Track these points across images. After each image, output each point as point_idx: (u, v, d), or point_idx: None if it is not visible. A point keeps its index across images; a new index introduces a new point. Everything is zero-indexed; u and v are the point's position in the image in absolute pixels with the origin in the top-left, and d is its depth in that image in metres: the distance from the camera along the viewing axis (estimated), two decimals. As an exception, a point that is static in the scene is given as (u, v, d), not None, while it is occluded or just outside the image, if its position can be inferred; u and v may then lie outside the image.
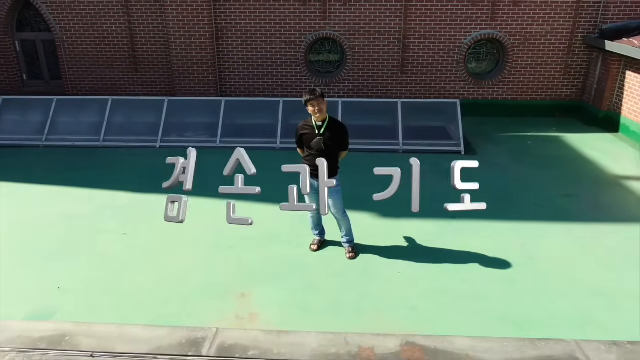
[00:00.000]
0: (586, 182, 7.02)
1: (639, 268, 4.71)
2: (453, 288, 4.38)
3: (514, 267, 4.77)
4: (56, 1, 9.82)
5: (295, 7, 9.59)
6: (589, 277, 4.58)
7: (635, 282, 4.45)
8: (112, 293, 4.20)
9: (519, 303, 4.12)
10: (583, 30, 9.46)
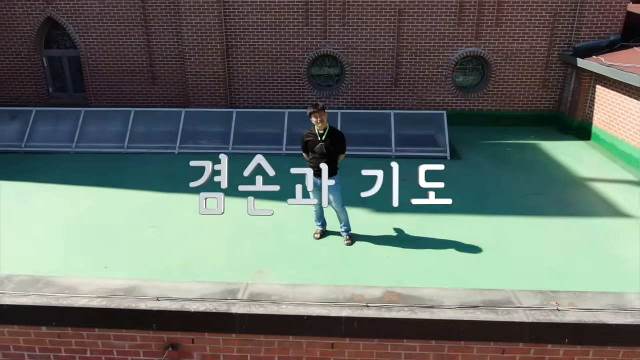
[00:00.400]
0: (555, 183, 8.02)
1: (591, 253, 5.69)
2: (432, 266, 5.36)
3: (485, 252, 5.74)
4: (82, 21, 10.89)
5: (299, 27, 10.65)
6: (547, 260, 5.55)
7: (586, 264, 5.42)
8: (150, 271, 5.17)
9: (485, 277, 5.10)
10: (559, 48, 10.51)
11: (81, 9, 10.78)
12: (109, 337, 3.65)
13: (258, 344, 3.57)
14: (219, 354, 3.63)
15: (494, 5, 10.26)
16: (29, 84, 11.56)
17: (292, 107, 10.79)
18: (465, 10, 10.34)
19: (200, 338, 3.59)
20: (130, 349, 3.68)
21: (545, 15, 10.31)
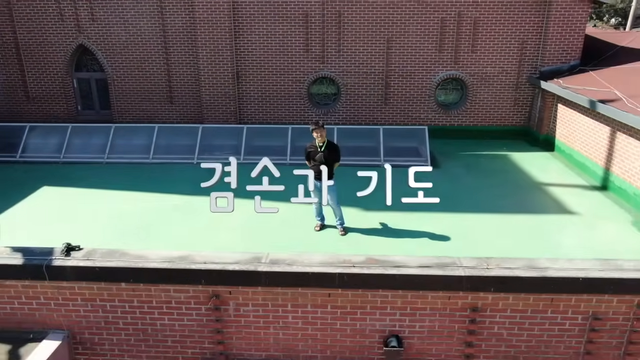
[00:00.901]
0: (519, 187, 9.56)
1: (534, 239, 7.20)
2: (411, 250, 6.85)
3: (452, 239, 7.24)
4: (109, 48, 12.48)
5: (300, 53, 12.26)
6: (498, 243, 7.05)
7: (527, 247, 6.91)
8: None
9: (446, 254, 6.59)
10: (527, 72, 12.13)
11: (109, 38, 12.38)
12: (169, 291, 5.13)
13: (276, 294, 5.05)
14: (248, 302, 5.10)
15: (470, 34, 11.89)
16: (60, 103, 13.11)
17: (295, 123, 12.34)
18: (445, 39, 11.96)
19: (235, 290, 5.07)
20: (185, 299, 5.15)
21: (514, 43, 11.95)
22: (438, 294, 4.95)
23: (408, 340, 5.10)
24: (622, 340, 4.99)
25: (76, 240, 5.39)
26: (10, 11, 12.34)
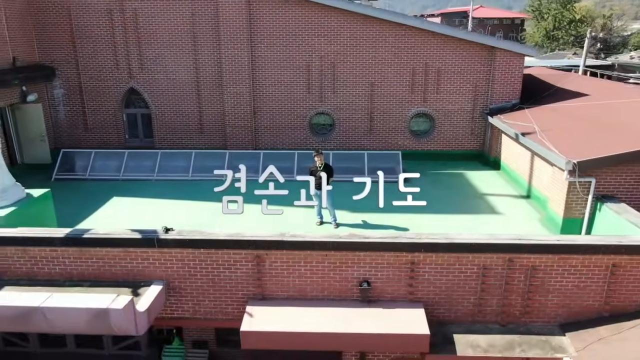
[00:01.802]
0: (468, 197, 13.05)
1: (468, 228, 10.63)
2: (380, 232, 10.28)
3: (412, 229, 10.67)
4: (154, 90, 16.07)
5: (303, 93, 15.86)
6: (441, 231, 10.48)
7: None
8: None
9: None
10: (480, 108, 15.74)
11: (154, 82, 15.99)
12: (229, 254, 8.52)
13: (294, 255, 8.44)
14: (277, 260, 8.49)
15: (435, 80, 15.54)
16: (112, 132, 16.63)
17: (300, 148, 15.84)
18: (416, 83, 15.61)
19: (269, 253, 8.46)
20: (238, 259, 8.54)
21: (469, 87, 15.59)
22: (391, 254, 8.36)
23: (374, 283, 8.49)
24: (502, 282, 8.40)
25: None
26: (77, 61, 15.95)
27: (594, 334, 8.23)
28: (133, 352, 12.66)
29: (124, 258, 8.66)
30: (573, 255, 8.27)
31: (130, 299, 7.66)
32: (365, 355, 8.78)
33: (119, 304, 7.41)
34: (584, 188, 10.16)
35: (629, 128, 11.22)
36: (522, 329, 8.56)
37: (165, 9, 15.38)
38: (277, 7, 15.14)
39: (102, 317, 7.40)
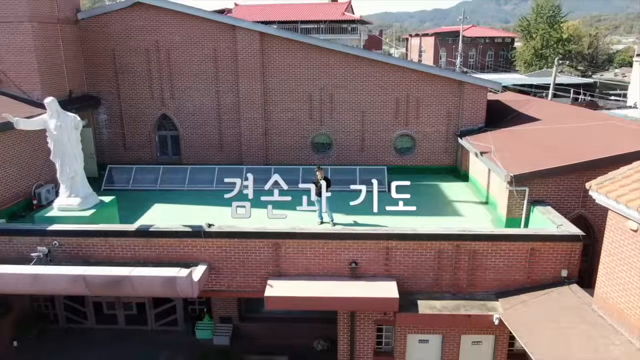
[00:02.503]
0: (440, 203, 16.39)
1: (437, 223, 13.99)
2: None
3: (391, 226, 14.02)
4: (182, 116, 19.49)
5: (306, 118, 19.29)
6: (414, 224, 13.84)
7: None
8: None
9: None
10: (452, 131, 19.16)
11: (183, 109, 19.43)
12: (255, 242, 11.83)
13: (303, 242, 11.75)
14: (290, 246, 11.80)
15: (415, 107, 18.98)
16: (146, 151, 20.02)
17: (303, 164, 19.19)
18: (399, 110, 19.05)
19: (284, 241, 11.79)
20: (261, 246, 11.84)
21: (443, 113, 19.03)
22: (371, 242, 11.69)
23: (360, 263, 11.81)
24: (452, 262, 11.73)
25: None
26: (118, 92, 19.41)
27: (518, 299, 11.56)
28: (172, 327, 16.11)
29: (179, 245, 12.01)
30: (503, 242, 11.65)
31: (189, 271, 10.99)
32: (354, 314, 12.09)
33: (183, 274, 10.75)
34: (520, 195, 13.53)
35: (560, 148, 14.62)
36: (467, 297, 11.89)
37: (192, 49, 18.87)
38: (285, 49, 18.63)
39: (171, 283, 10.72)
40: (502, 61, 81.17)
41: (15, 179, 15.25)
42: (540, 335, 10.15)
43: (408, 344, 12.66)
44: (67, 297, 15.80)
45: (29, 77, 16.68)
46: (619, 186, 9.69)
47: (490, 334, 12.42)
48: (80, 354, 14.83)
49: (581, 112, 20.20)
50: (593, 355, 9.32)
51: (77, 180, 12.71)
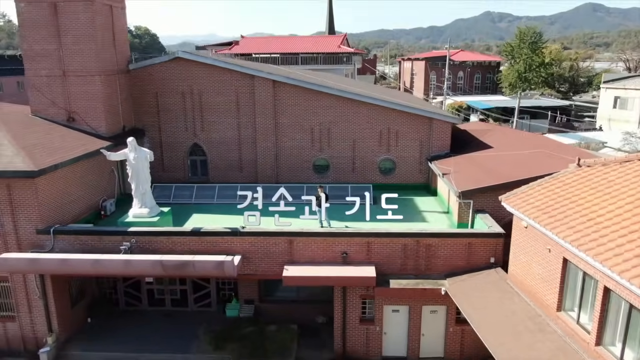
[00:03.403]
0: (413, 213, 21.53)
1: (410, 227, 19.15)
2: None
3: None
4: (209, 144, 24.71)
5: (308, 146, 24.51)
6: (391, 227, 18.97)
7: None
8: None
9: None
10: (424, 156, 24.38)
11: (210, 139, 24.64)
12: (275, 239, 16.90)
13: (309, 240, 16.82)
14: (301, 243, 16.86)
15: (395, 137, 24.23)
16: (180, 172, 25.16)
17: (306, 183, 24.34)
18: (382, 139, 24.30)
19: (296, 239, 16.86)
20: (280, 241, 16.91)
21: (416, 142, 24.28)
22: (357, 238, 16.81)
23: (349, 254, 16.90)
24: (414, 253, 16.82)
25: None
26: (159, 125, 24.64)
27: (459, 278, 16.65)
28: (207, 308, 21.08)
29: (221, 241, 17.10)
30: (449, 238, 16.78)
31: (232, 258, 16.06)
32: (345, 289, 17.17)
33: (229, 259, 15.84)
34: (467, 205, 18.67)
35: (499, 171, 19.79)
36: (425, 277, 16.99)
37: (219, 92, 24.14)
38: (292, 92, 23.93)
39: (220, 265, 15.78)
40: (488, 83, 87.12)
41: (88, 196, 20.37)
42: (470, 300, 15.26)
43: (384, 313, 17.71)
44: (127, 285, 20.83)
45: (96, 117, 21.90)
46: (517, 199, 14.91)
47: (443, 305, 17.47)
48: (136, 328, 19.77)
49: (526, 140, 25.44)
50: (499, 308, 14.43)
51: (146, 195, 17.88)
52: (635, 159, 14.30)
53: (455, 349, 17.93)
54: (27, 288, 17.93)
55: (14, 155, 17.22)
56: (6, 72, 59.44)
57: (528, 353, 12.43)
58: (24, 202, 17.11)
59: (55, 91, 21.55)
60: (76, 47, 21.08)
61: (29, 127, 20.14)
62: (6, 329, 18.56)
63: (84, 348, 18.46)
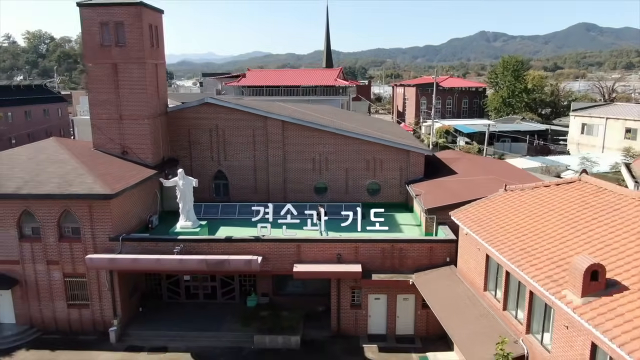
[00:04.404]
0: (394, 225, 27.66)
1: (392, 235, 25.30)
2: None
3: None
4: (231, 171, 30.89)
5: (310, 172, 30.73)
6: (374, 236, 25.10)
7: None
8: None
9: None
10: (403, 180, 30.57)
11: (231, 166, 30.86)
12: (287, 244, 22.96)
13: (312, 244, 22.89)
14: (306, 246, 22.91)
15: (380, 164, 30.46)
16: (206, 192, 31.27)
17: (308, 202, 30.45)
18: (369, 166, 30.56)
19: (303, 243, 22.92)
20: (290, 246, 22.95)
21: (397, 169, 30.52)
22: (348, 244, 22.89)
23: (342, 255, 22.95)
24: (390, 255, 22.89)
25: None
26: (190, 155, 30.87)
27: (423, 272, 22.73)
28: (231, 301, 27.09)
29: (247, 246, 23.19)
30: (415, 244, 22.91)
31: (257, 257, 22.11)
32: (339, 281, 23.22)
33: (255, 258, 21.90)
34: (431, 219, 24.78)
35: (457, 192, 25.94)
36: (398, 272, 23.04)
37: (239, 129, 30.42)
38: (297, 129, 30.23)
39: (249, 263, 21.84)
40: (475, 108, 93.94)
41: (140, 213, 26.47)
42: (429, 287, 21.33)
43: (369, 301, 23.70)
44: (169, 282, 26.81)
45: (144, 150, 28.09)
46: (460, 214, 21.10)
47: (412, 294, 23.45)
48: (177, 315, 25.69)
49: (487, 166, 31.72)
50: (448, 292, 20.48)
51: (190, 212, 24.01)
52: (542, 186, 20.53)
53: (422, 328, 23.90)
54: (99, 282, 23.90)
55: (93, 182, 23.35)
56: (14, 102, 63.42)
57: (463, 320, 18.45)
58: (100, 218, 23.20)
59: (113, 131, 27.79)
60: (131, 97, 27.37)
61: (95, 160, 26.34)
62: (81, 314, 24.49)
63: (140, 329, 24.38)
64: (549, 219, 17.67)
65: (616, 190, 17.75)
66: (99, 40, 26.74)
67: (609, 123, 55.33)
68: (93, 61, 27.10)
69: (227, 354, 22.67)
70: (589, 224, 16.39)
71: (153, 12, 28.02)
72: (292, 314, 24.73)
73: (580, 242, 15.53)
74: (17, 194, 22.83)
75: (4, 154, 26.63)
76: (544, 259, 15.53)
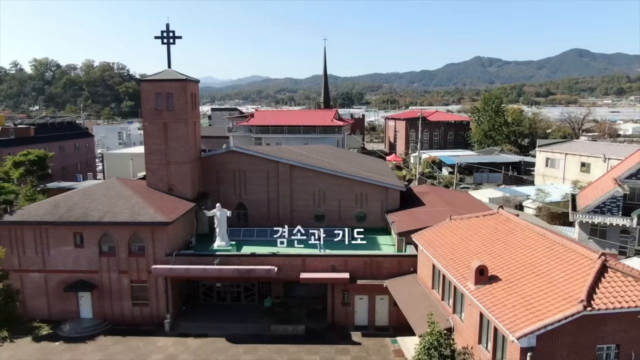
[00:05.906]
0: (375, 245, 36.74)
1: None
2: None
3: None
4: (250, 203, 40.05)
5: (310, 203, 39.93)
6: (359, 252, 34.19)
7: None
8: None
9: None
10: (384, 209, 39.73)
11: (250, 199, 40.04)
12: (296, 258, 31.97)
13: (314, 258, 31.88)
14: (309, 260, 31.90)
15: (366, 197, 39.68)
16: (230, 220, 40.28)
17: (309, 227, 39.48)
18: (357, 199, 39.79)
19: (307, 257, 31.92)
20: (297, 259, 31.97)
21: (379, 200, 39.74)
22: (340, 258, 31.90)
23: (335, 266, 31.94)
24: (370, 266, 31.89)
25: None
26: (218, 190, 40.09)
27: (394, 279, 31.77)
28: (252, 302, 36.27)
29: (266, 259, 32.26)
30: (388, 258, 32.02)
31: (273, 267, 31.11)
32: (333, 285, 32.22)
33: (273, 268, 30.91)
34: (402, 240, 33.83)
35: (422, 219, 35.02)
36: (375, 279, 32.03)
37: (256, 170, 39.70)
38: (302, 170, 39.51)
39: (269, 271, 30.85)
40: (460, 139, 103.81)
41: (184, 235, 35.54)
42: (398, 289, 30.33)
43: (355, 300, 32.62)
44: (205, 288, 35.72)
45: (186, 187, 37.29)
46: (418, 236, 30.31)
47: (386, 295, 32.31)
48: (211, 313, 34.53)
49: (452, 198, 40.92)
50: (410, 292, 29.48)
51: (224, 235, 33.12)
52: (474, 217, 29.73)
53: (394, 321, 32.75)
54: (157, 287, 32.79)
55: (154, 213, 32.46)
56: (67, 137, 75.31)
57: (416, 309, 27.38)
58: (160, 239, 32.25)
59: (162, 173, 37.02)
60: (176, 147, 36.70)
61: (151, 195, 35.53)
62: (142, 311, 33.32)
63: (185, 322, 33.24)
64: (471, 240, 26.84)
65: (516, 220, 26.96)
66: (154, 105, 36.19)
67: (568, 158, 64.88)
68: (149, 121, 36.51)
69: (252, 338, 31.47)
70: (493, 242, 25.56)
71: (193, 84, 37.63)
72: (298, 310, 33.58)
73: (484, 254, 24.67)
74: (101, 221, 31.95)
75: (82, 192, 35.82)
76: (463, 265, 24.62)
